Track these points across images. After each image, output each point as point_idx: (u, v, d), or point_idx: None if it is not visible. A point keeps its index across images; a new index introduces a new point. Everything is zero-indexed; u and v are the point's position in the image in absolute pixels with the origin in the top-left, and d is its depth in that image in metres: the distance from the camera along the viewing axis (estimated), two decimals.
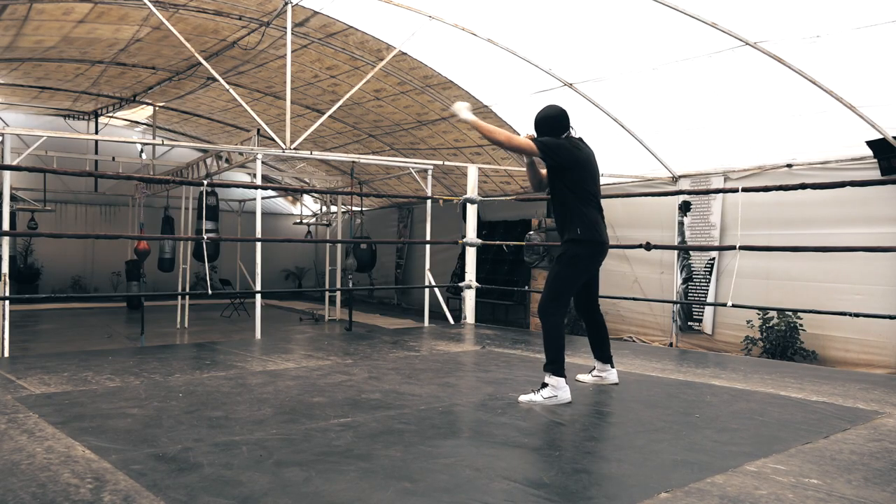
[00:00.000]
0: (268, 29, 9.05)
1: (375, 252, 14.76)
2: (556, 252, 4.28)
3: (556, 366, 3.89)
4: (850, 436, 3.32)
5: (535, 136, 4.10)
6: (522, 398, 3.93)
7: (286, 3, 7.79)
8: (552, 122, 4.09)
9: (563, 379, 3.89)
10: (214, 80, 9.05)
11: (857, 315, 5.98)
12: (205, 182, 7.55)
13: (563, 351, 3.94)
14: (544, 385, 3.89)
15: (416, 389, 4.25)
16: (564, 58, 8.28)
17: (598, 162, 4.19)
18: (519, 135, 4.17)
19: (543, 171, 4.26)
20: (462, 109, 4.06)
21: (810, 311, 6.77)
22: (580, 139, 4.15)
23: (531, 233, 10.44)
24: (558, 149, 3.99)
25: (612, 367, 4.39)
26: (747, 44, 6.73)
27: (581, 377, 4.43)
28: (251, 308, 10.51)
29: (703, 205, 9.04)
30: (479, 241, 8.31)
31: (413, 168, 9.19)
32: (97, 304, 14.85)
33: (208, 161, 10.45)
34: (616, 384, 4.36)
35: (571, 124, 4.14)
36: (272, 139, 8.03)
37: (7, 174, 6.44)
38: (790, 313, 7.73)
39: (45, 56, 10.27)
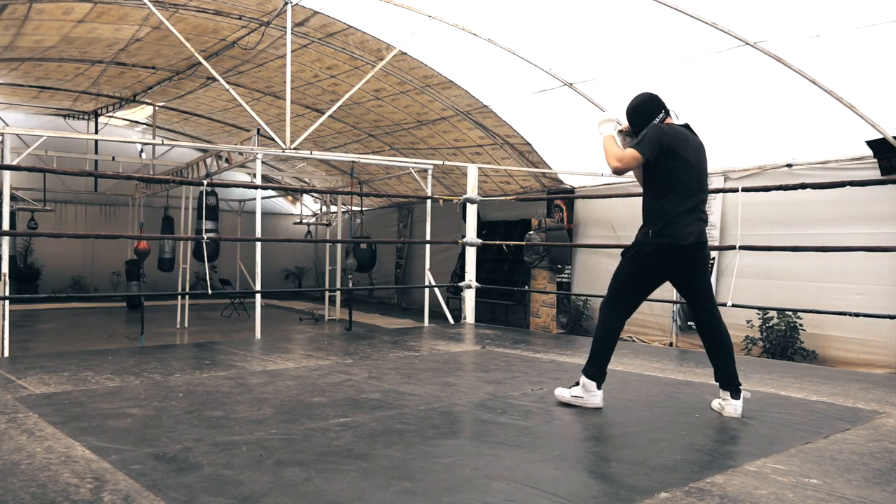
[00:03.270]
0: (268, 29, 9.05)
1: (375, 252, 14.76)
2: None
3: (591, 367, 3.70)
4: (850, 436, 3.32)
5: (629, 129, 3.81)
6: (556, 391, 3.88)
7: (286, 3, 7.79)
8: (643, 108, 3.79)
9: (594, 383, 3.67)
10: (214, 79, 9.05)
11: (857, 315, 5.98)
12: (205, 182, 7.55)
13: (604, 354, 3.67)
14: (577, 383, 3.78)
15: (416, 389, 4.25)
16: (564, 57, 8.28)
17: (705, 153, 3.80)
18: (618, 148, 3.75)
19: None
20: (606, 122, 3.82)
21: (810, 311, 6.77)
22: (686, 125, 3.79)
23: (531, 233, 10.44)
24: (660, 143, 3.60)
25: (735, 396, 3.64)
26: (747, 44, 6.72)
27: (713, 403, 3.81)
28: (251, 308, 10.51)
29: None
30: (479, 241, 8.31)
31: (413, 168, 9.19)
32: (97, 304, 14.85)
33: (208, 161, 10.45)
34: (729, 416, 3.63)
35: (670, 107, 3.78)
36: (272, 139, 8.03)
37: (7, 174, 6.44)
38: (790, 313, 7.73)
39: (45, 56, 10.27)
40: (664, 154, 3.61)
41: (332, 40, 9.44)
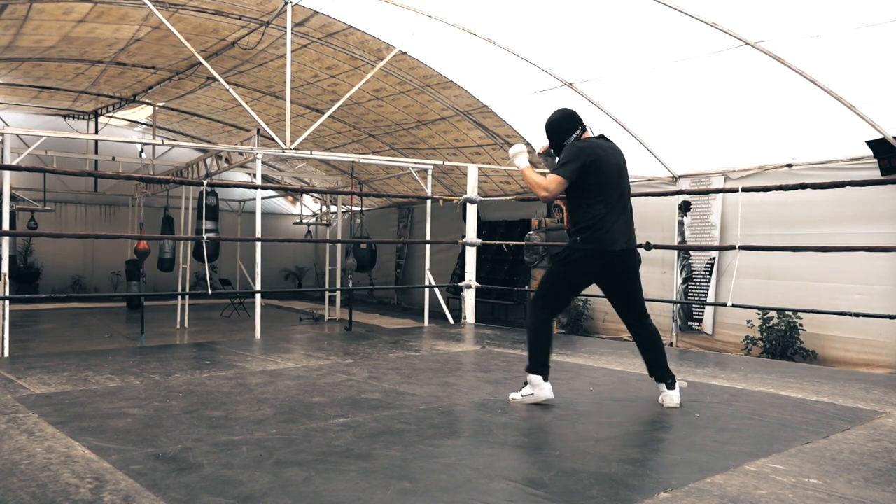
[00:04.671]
0: (268, 29, 9.05)
1: (375, 252, 14.76)
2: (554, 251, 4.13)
3: (533, 364, 3.85)
4: (850, 436, 3.32)
5: (548, 148, 4.02)
6: (510, 395, 3.97)
7: (286, 3, 7.79)
8: (561, 124, 3.95)
9: (539, 377, 3.82)
10: (214, 79, 9.05)
11: (857, 315, 5.98)
12: (205, 182, 7.55)
13: (541, 349, 3.84)
14: (525, 383, 3.89)
15: (416, 389, 4.25)
16: (564, 57, 8.28)
17: (623, 161, 3.96)
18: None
19: None
20: (520, 157, 4.00)
21: (810, 311, 6.77)
22: (601, 136, 3.98)
23: (531, 233, 10.42)
24: (579, 162, 3.76)
25: (670, 387, 3.87)
26: (747, 44, 6.72)
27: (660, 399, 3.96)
28: (251, 308, 10.51)
29: (703, 205, 9.04)
30: (479, 241, 8.31)
31: (413, 168, 9.19)
32: (97, 304, 14.84)
33: (208, 161, 10.45)
34: (675, 407, 3.82)
35: (585, 123, 3.96)
36: (272, 139, 8.03)
37: (7, 174, 6.44)
38: (790, 313, 7.73)
39: (45, 56, 10.27)
40: (586, 170, 3.77)
41: (332, 40, 9.44)
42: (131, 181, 13.97)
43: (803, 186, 5.98)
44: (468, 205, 8.35)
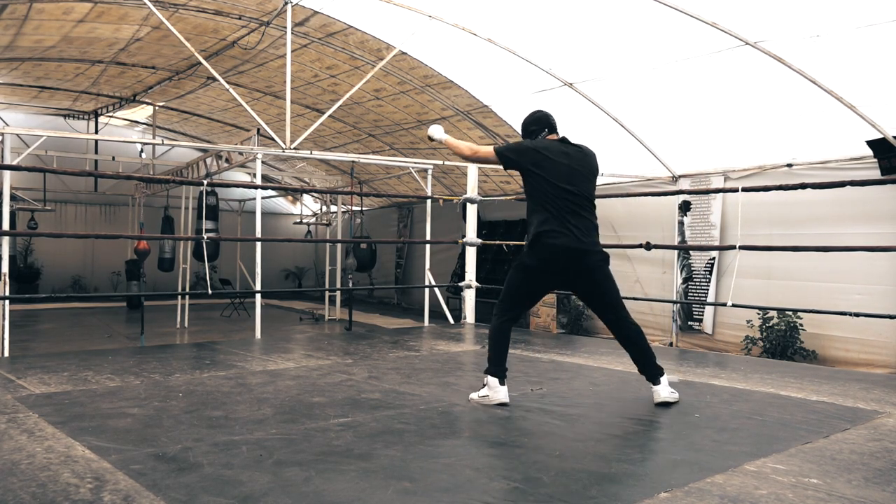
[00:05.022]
0: (268, 28, 9.05)
1: (375, 252, 14.76)
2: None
3: (491, 367, 3.88)
4: (850, 436, 3.32)
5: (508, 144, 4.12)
6: (470, 395, 3.99)
7: (286, 3, 7.79)
8: (527, 126, 4.09)
9: (496, 380, 3.83)
10: (214, 79, 9.05)
11: (857, 315, 5.98)
12: (205, 182, 7.55)
13: (500, 353, 3.87)
14: (483, 385, 3.92)
15: (416, 389, 4.25)
16: (564, 57, 8.28)
17: (587, 162, 3.94)
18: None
19: None
20: (438, 131, 4.26)
21: (810, 311, 6.77)
22: (563, 139, 3.98)
23: None
24: (517, 153, 3.89)
25: (658, 382, 3.88)
26: (747, 43, 6.72)
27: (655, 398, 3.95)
28: (251, 308, 10.51)
29: (703, 204, 9.04)
30: (479, 240, 8.31)
31: (413, 168, 9.19)
32: (97, 304, 14.85)
33: (208, 161, 10.45)
34: (667, 403, 3.84)
35: (557, 126, 4.03)
36: (272, 139, 8.03)
37: (7, 174, 6.44)
38: (790, 313, 7.73)
39: (45, 55, 10.27)
40: (531, 169, 3.81)
41: (332, 40, 9.44)
42: (131, 181, 13.97)
43: (803, 186, 5.98)
44: (468, 205, 8.35)
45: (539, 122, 4.04)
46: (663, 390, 3.86)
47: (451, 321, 8.60)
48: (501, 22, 7.96)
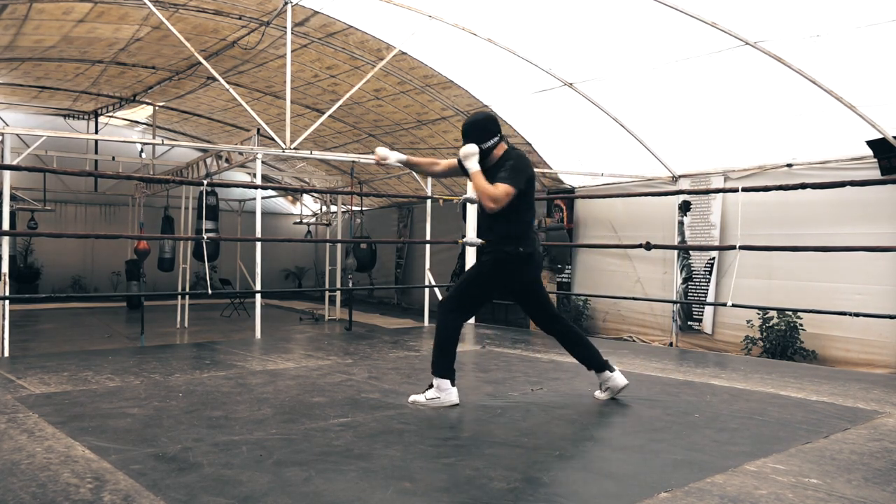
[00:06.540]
0: (268, 28, 9.05)
1: (375, 252, 14.75)
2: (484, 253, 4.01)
3: (440, 368, 3.77)
4: (850, 435, 3.32)
5: (466, 146, 3.80)
6: (410, 398, 3.88)
7: (286, 3, 7.79)
8: (482, 126, 3.83)
9: (447, 381, 3.75)
10: (214, 79, 9.04)
11: (857, 315, 5.98)
12: (205, 182, 7.55)
13: (449, 352, 3.76)
14: (430, 386, 3.81)
15: (416, 389, 4.25)
16: (564, 57, 8.28)
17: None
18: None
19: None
20: (471, 157, 3.79)
21: (810, 311, 6.77)
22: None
23: None
24: (528, 183, 3.79)
25: (611, 370, 4.00)
26: (747, 43, 6.72)
27: (596, 394, 4.08)
28: (251, 308, 10.51)
29: (703, 204, 9.04)
30: (479, 240, 8.29)
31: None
32: (97, 304, 14.84)
33: (208, 161, 10.45)
34: (625, 386, 3.99)
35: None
36: (272, 139, 8.03)
37: (7, 174, 6.44)
38: (790, 313, 7.72)
39: (45, 56, 10.27)
40: (529, 182, 3.84)
41: (332, 40, 9.44)
42: (131, 181, 13.97)
43: (803, 186, 5.97)
44: (468, 205, 8.35)
45: (496, 123, 3.89)
46: (613, 379, 4.01)
47: None
48: (501, 22, 7.95)
